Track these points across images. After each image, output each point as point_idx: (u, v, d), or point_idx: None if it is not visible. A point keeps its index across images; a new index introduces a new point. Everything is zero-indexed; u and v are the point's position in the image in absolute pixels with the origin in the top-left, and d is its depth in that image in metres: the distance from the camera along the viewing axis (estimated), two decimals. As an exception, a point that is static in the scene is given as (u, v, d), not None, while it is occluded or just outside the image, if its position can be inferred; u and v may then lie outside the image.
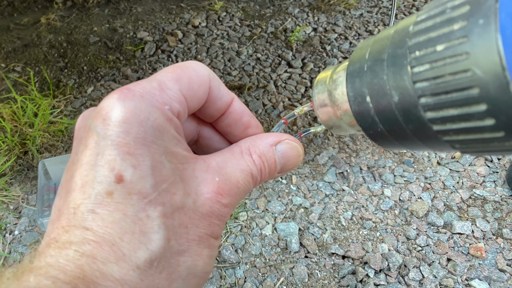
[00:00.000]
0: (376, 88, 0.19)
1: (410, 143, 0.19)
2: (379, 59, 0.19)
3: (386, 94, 0.18)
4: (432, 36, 0.16)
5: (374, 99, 0.19)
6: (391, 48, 0.18)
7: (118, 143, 0.20)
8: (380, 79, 0.18)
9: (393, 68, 0.18)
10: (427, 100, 0.16)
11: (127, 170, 0.19)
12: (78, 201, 0.20)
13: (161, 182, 0.20)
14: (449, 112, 0.16)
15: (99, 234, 0.19)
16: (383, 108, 0.19)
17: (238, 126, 0.27)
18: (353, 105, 0.21)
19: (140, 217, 0.20)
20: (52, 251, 0.19)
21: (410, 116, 0.17)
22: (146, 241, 0.19)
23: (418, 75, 0.16)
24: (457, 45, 0.15)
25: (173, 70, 0.23)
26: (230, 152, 0.25)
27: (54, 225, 0.20)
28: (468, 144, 0.16)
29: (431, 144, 0.18)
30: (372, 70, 0.19)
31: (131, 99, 0.20)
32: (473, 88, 0.14)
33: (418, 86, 0.16)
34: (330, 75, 0.24)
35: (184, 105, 0.23)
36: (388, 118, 0.19)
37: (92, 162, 0.20)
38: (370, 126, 0.20)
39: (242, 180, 0.24)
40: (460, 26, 0.15)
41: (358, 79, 0.20)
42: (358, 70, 0.20)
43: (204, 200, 0.22)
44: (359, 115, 0.21)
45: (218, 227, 0.23)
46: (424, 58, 0.16)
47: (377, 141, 0.21)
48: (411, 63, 0.17)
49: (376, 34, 0.20)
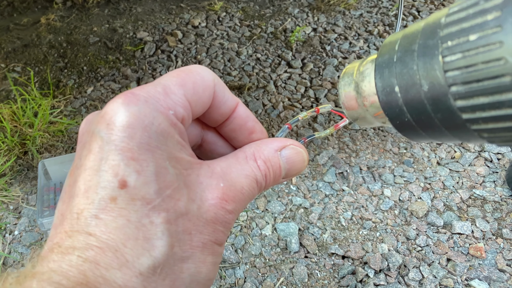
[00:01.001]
0: (406, 78, 0.19)
1: (437, 133, 0.20)
2: (409, 50, 0.19)
3: (415, 84, 0.18)
4: (464, 27, 0.16)
5: (403, 88, 0.19)
6: (422, 39, 0.18)
7: (122, 148, 0.19)
8: (410, 69, 0.19)
9: (423, 58, 0.18)
10: (458, 89, 0.17)
11: (131, 176, 0.19)
12: (81, 206, 0.19)
13: (165, 188, 0.20)
14: (480, 100, 0.16)
15: (102, 240, 0.19)
16: (412, 98, 0.19)
17: (242, 131, 0.27)
18: (381, 95, 0.21)
19: (144, 223, 0.19)
20: (55, 256, 0.19)
21: (440, 105, 0.18)
22: (149, 248, 0.19)
23: (450, 64, 0.17)
24: (490, 35, 0.15)
25: (178, 75, 0.23)
26: (235, 157, 0.24)
27: (57, 230, 0.20)
28: (497, 132, 0.17)
29: (459, 134, 0.19)
30: (402, 60, 0.19)
31: (136, 103, 0.20)
32: (506, 76, 0.15)
33: (449, 75, 0.17)
34: (357, 67, 0.24)
35: (188, 110, 0.22)
36: (416, 108, 0.19)
37: (95, 167, 0.20)
38: (398, 116, 0.20)
39: (247, 186, 0.23)
40: (494, 16, 0.15)
41: (387, 70, 0.20)
42: (388, 61, 0.20)
43: (208, 206, 0.22)
44: (387, 106, 0.21)
45: (222, 233, 0.22)
46: (456, 47, 0.16)
47: (403, 131, 0.22)
48: (443, 53, 0.17)
49: (405, 29, 0.21)
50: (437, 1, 1.99)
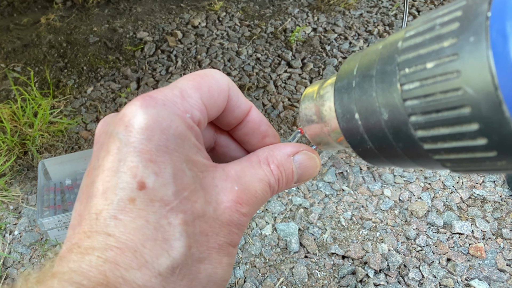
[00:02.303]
0: (365, 105, 0.18)
1: (400, 161, 0.19)
2: (367, 75, 0.18)
3: (375, 112, 0.18)
4: (421, 53, 0.15)
5: (363, 116, 0.19)
6: (380, 64, 0.18)
7: (141, 150, 0.20)
8: (369, 96, 0.18)
9: (382, 85, 0.17)
10: (417, 119, 0.16)
11: (149, 177, 0.19)
12: (100, 206, 0.20)
13: (182, 190, 0.20)
14: (440, 131, 0.15)
15: (121, 240, 0.19)
16: (372, 126, 0.18)
17: (255, 135, 0.27)
18: (341, 122, 0.20)
19: (162, 224, 0.20)
20: (75, 256, 0.19)
21: (400, 134, 0.17)
22: (168, 248, 0.20)
23: (408, 93, 0.16)
24: (447, 63, 0.14)
25: (193, 78, 0.23)
26: (248, 161, 0.25)
27: (75, 230, 0.20)
28: (459, 163, 0.16)
29: (422, 162, 0.18)
30: (360, 86, 0.19)
31: (154, 106, 0.20)
32: (465, 107, 0.14)
33: (408, 104, 0.16)
34: (317, 90, 0.23)
35: (204, 113, 0.23)
36: (377, 136, 0.18)
37: (114, 168, 0.20)
38: (359, 143, 0.20)
39: (260, 190, 0.24)
40: (450, 43, 0.14)
41: (346, 95, 0.20)
42: (346, 86, 0.20)
43: (224, 208, 0.22)
44: (348, 132, 0.20)
45: (236, 235, 0.23)
46: (414, 75, 0.16)
47: (366, 158, 0.21)
48: (401, 80, 0.16)
49: (364, 49, 0.20)
50: (437, 1, 2.00)
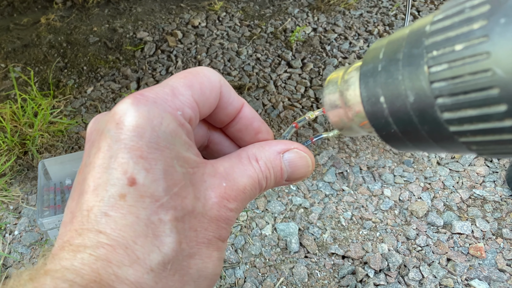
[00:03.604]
0: (391, 88, 0.18)
1: (424, 145, 0.19)
2: (394, 59, 0.18)
3: (401, 94, 0.18)
4: (450, 36, 0.15)
5: (389, 99, 0.19)
6: (407, 48, 0.18)
7: (131, 147, 0.20)
8: (395, 79, 0.18)
9: (409, 68, 0.17)
10: (444, 101, 0.16)
11: (140, 173, 0.20)
12: (91, 203, 0.20)
13: (172, 186, 0.21)
14: (467, 113, 0.15)
15: (112, 237, 0.19)
16: (397, 109, 0.18)
17: (248, 132, 0.27)
18: (366, 106, 0.20)
19: (153, 220, 0.20)
20: (67, 254, 0.19)
21: (426, 117, 0.17)
22: (159, 244, 0.20)
23: (436, 75, 0.16)
24: (477, 45, 0.14)
25: (185, 76, 0.23)
26: (238, 157, 0.25)
27: (67, 228, 0.21)
28: (486, 145, 0.16)
29: (446, 146, 0.18)
30: (386, 70, 0.19)
31: (145, 104, 0.20)
32: (493, 88, 0.14)
33: (435, 86, 0.16)
34: (341, 75, 0.23)
35: (196, 111, 0.23)
36: (402, 119, 0.18)
37: (105, 164, 0.20)
38: (384, 127, 0.20)
39: (248, 186, 0.24)
40: (480, 25, 0.14)
41: (371, 79, 0.20)
42: (372, 70, 0.20)
43: (212, 204, 0.22)
44: (372, 116, 0.20)
45: (225, 230, 0.23)
46: (442, 57, 0.16)
47: (389, 142, 0.21)
48: (428, 63, 0.16)
49: (390, 35, 0.20)
50: (437, 1, 1.99)
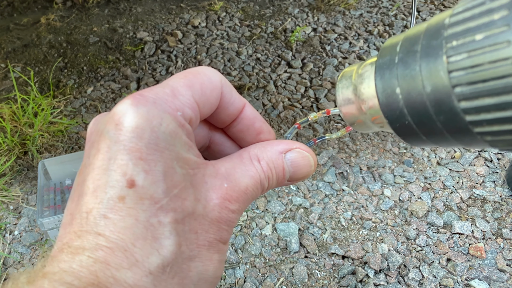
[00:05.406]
0: (407, 79, 0.19)
1: (438, 137, 0.19)
2: (411, 50, 0.19)
3: (417, 85, 0.18)
4: (470, 26, 0.16)
5: (405, 90, 0.19)
6: (425, 40, 0.18)
7: (131, 148, 0.20)
8: (412, 69, 0.18)
9: (427, 59, 0.18)
10: (462, 90, 0.16)
11: (139, 175, 0.19)
12: (90, 205, 0.20)
13: (172, 188, 0.20)
14: (485, 102, 0.16)
15: (111, 239, 0.19)
16: (413, 99, 0.19)
17: (250, 132, 0.27)
18: (381, 97, 0.21)
19: (152, 222, 0.20)
20: (65, 256, 0.19)
21: (442, 107, 0.17)
22: (158, 247, 0.20)
23: (455, 64, 0.16)
24: (497, 34, 0.15)
25: (185, 76, 0.23)
26: (239, 158, 0.24)
27: (66, 230, 0.20)
28: (500, 135, 0.17)
29: (461, 137, 0.18)
30: (403, 61, 0.19)
31: (144, 104, 0.20)
32: None
33: (454, 75, 0.17)
34: (355, 70, 0.24)
35: (196, 111, 0.23)
36: (418, 110, 0.19)
37: (104, 166, 0.20)
38: (398, 118, 0.20)
39: (250, 187, 0.24)
40: (501, 15, 0.15)
41: (388, 71, 0.20)
42: (389, 62, 0.20)
43: (213, 206, 0.22)
44: (387, 107, 0.21)
45: (226, 232, 0.23)
46: (461, 47, 0.16)
47: (403, 135, 0.21)
48: (448, 53, 0.17)
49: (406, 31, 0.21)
50: (437, 1, 1.99)
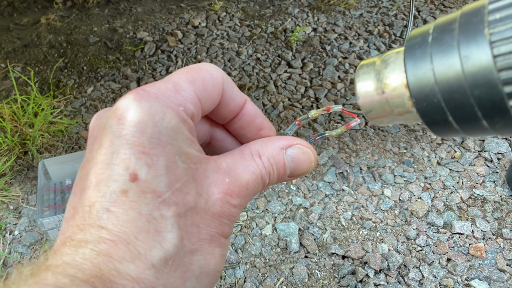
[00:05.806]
0: (443, 55, 0.18)
1: (466, 117, 0.19)
2: (447, 29, 0.18)
3: (454, 60, 0.18)
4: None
5: (439, 66, 0.18)
6: (464, 18, 0.18)
7: (133, 143, 0.20)
8: (448, 45, 0.18)
9: (466, 34, 0.17)
10: (505, 60, 0.16)
11: (142, 169, 0.20)
12: (93, 199, 0.20)
13: (174, 182, 0.20)
14: None
15: (114, 232, 0.19)
16: (448, 75, 0.18)
17: (251, 128, 0.27)
18: (410, 76, 0.20)
19: (154, 216, 0.20)
20: (68, 249, 0.19)
21: (480, 80, 0.17)
22: (160, 240, 0.20)
23: (498, 35, 0.16)
24: None
25: (187, 72, 0.23)
26: (240, 153, 0.25)
27: (69, 223, 0.21)
28: None
29: (491, 115, 0.18)
30: (438, 39, 0.19)
31: (147, 99, 0.20)
32: None
33: (496, 45, 0.16)
34: (377, 59, 0.23)
35: (198, 107, 0.23)
36: (451, 85, 0.18)
37: (107, 160, 0.20)
38: (427, 97, 0.19)
39: (251, 182, 0.24)
40: None
41: (419, 50, 0.19)
42: (421, 42, 0.20)
43: (215, 200, 0.22)
44: (416, 86, 0.20)
45: (228, 226, 0.23)
46: (506, 18, 0.16)
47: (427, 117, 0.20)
48: (490, 25, 0.16)
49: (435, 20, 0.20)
50: (437, 1, 1.99)
